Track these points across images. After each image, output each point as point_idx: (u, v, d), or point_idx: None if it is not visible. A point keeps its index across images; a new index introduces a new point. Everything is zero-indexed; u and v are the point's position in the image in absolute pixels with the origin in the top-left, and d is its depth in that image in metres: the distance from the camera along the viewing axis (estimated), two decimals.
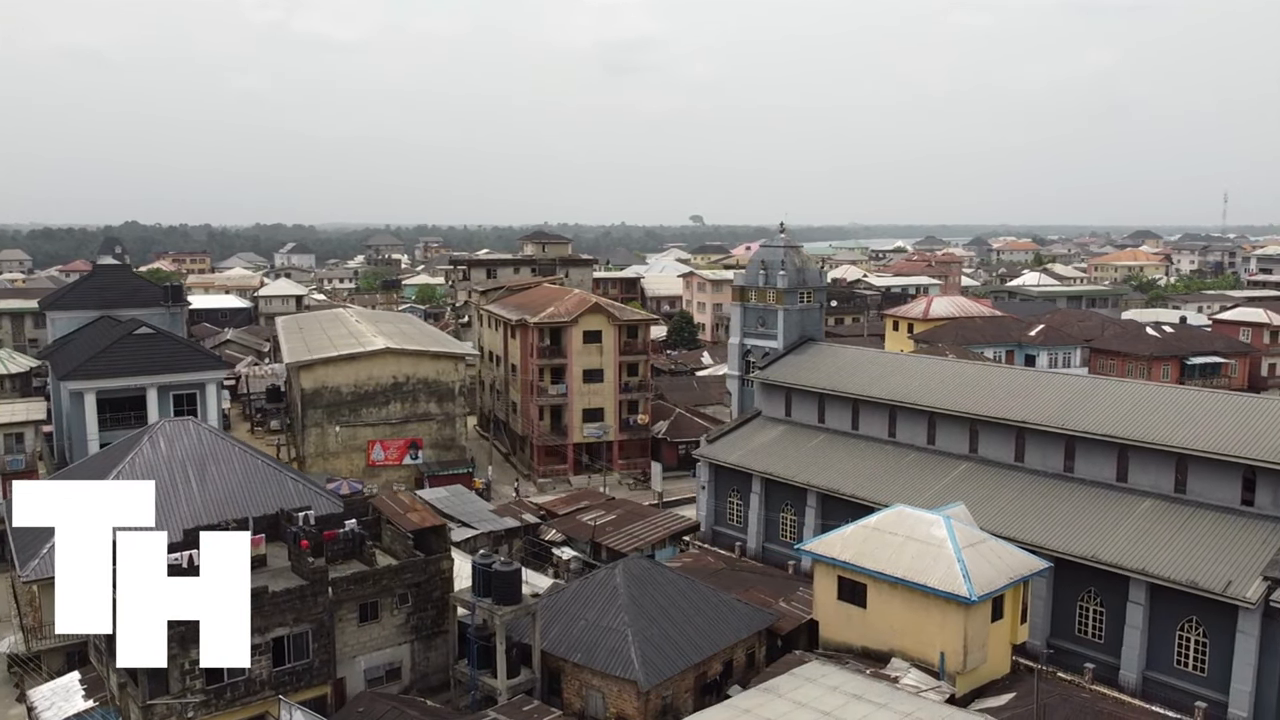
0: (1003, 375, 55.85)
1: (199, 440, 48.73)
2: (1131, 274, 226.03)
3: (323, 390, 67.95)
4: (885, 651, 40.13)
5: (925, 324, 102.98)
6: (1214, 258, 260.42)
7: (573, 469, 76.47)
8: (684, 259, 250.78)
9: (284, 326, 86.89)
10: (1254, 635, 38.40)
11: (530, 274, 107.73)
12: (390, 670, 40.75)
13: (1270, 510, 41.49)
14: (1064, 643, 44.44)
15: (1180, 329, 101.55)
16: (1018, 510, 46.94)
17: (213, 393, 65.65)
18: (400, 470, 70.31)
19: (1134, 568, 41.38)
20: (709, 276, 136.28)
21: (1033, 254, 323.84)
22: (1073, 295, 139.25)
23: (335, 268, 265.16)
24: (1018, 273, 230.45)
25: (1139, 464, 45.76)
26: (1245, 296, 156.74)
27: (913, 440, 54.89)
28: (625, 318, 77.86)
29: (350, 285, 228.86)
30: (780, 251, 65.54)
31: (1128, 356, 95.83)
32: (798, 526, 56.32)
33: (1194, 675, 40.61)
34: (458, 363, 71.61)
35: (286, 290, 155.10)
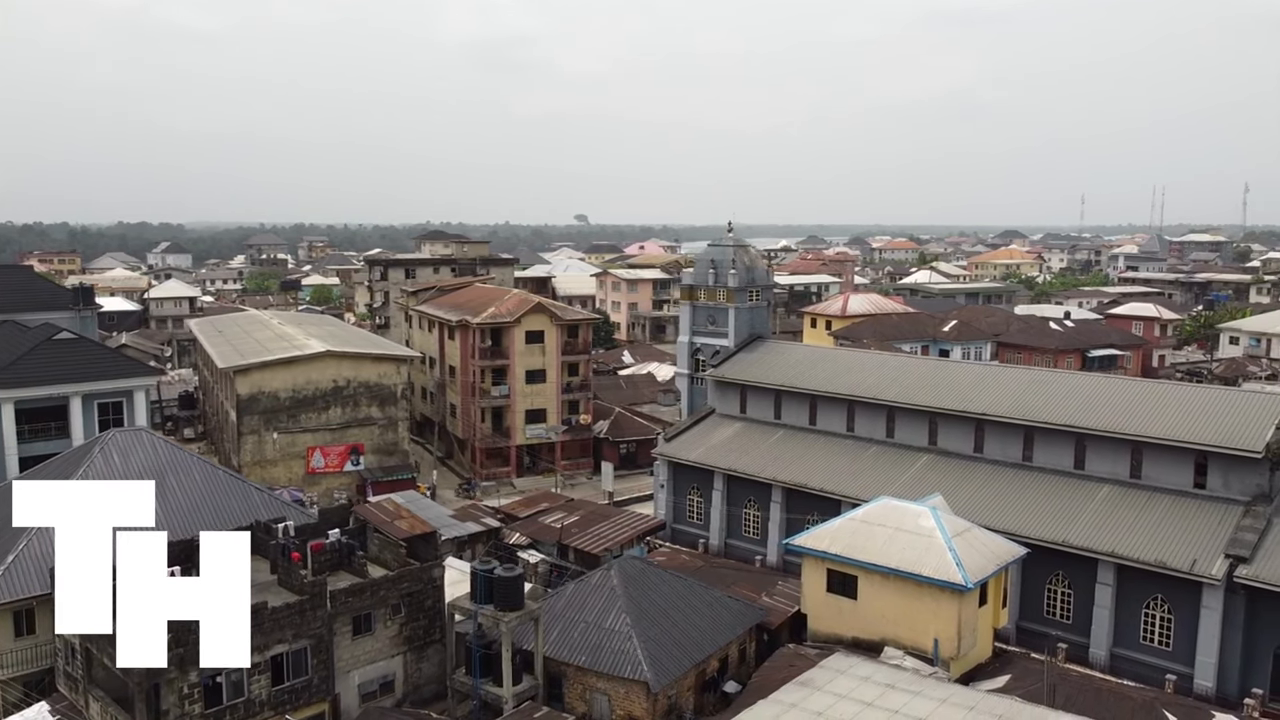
0: (959, 370, 57.93)
1: (154, 451, 46.11)
2: (1010, 271, 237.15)
3: (260, 396, 65.17)
4: (877, 641, 41.05)
5: (843, 321, 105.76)
6: (1082, 256, 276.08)
7: (516, 471, 75.50)
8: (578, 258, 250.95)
9: (201, 330, 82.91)
10: (1217, 610, 40.99)
11: (451, 274, 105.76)
12: (384, 683, 39.48)
13: (1221, 492, 44.34)
14: (1033, 624, 46.44)
15: (1080, 324, 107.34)
16: (984, 499, 48.75)
17: (141, 401, 62.15)
18: (341, 477, 68.07)
19: (1105, 550, 43.59)
20: (624, 276, 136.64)
21: (912, 253, 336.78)
22: (970, 292, 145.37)
23: (217, 268, 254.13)
24: (905, 271, 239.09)
25: (1096, 452, 48.21)
26: (1119, 292, 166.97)
27: (872, 434, 56.35)
28: (567, 317, 77.36)
29: (236, 286, 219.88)
30: (730, 251, 66.28)
31: (1034, 350, 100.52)
32: (762, 522, 57.12)
33: (1160, 650, 43.07)
34: (400, 365, 69.78)
35: (178, 292, 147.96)
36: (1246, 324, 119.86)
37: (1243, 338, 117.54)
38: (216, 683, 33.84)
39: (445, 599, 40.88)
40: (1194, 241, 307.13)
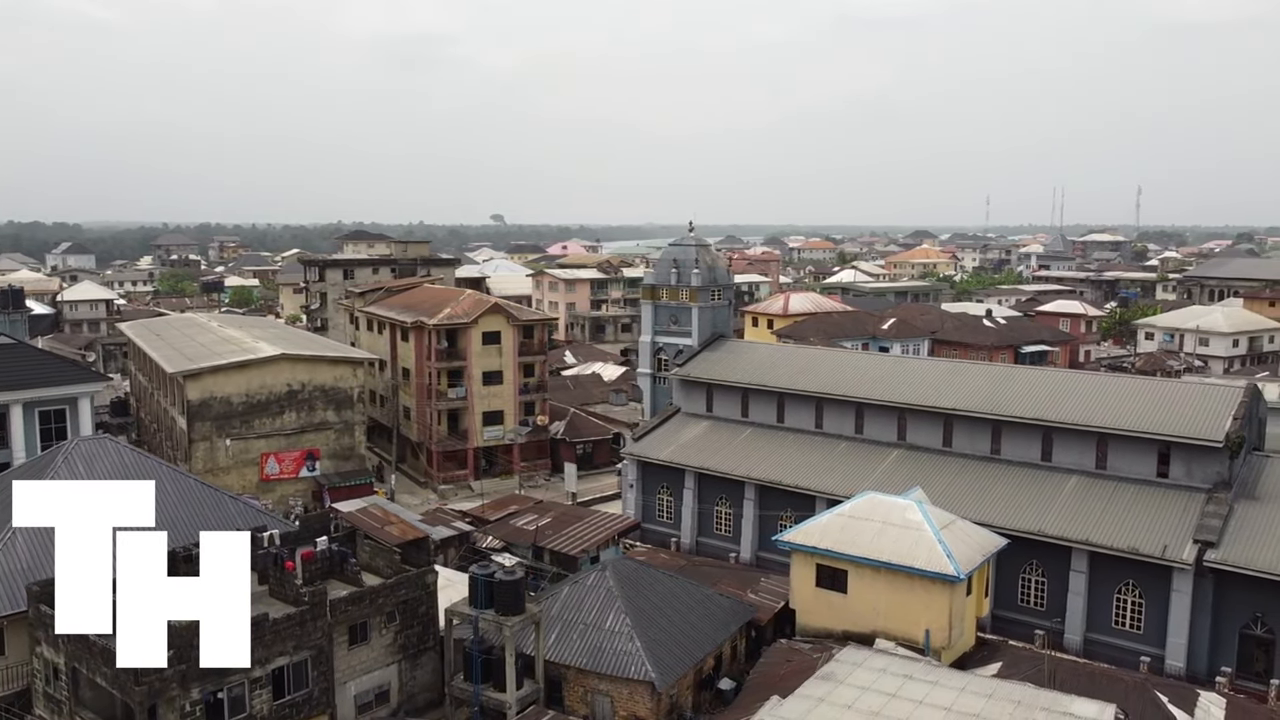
0: (925, 366, 59.38)
1: (121, 459, 44.19)
2: (927, 270, 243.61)
3: (211, 401, 62.88)
4: (868, 634, 41.67)
5: (785, 319, 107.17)
6: (993, 255, 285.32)
7: (474, 474, 74.49)
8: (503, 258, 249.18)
9: (137, 333, 79.52)
10: (1187, 593, 42.85)
11: (391, 274, 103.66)
12: (380, 693, 38.73)
13: (1184, 481, 46.37)
14: (1008, 613, 47.84)
15: (1012, 321, 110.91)
16: (957, 492, 49.95)
17: (86, 409, 59.36)
18: (296, 484, 66.16)
19: (1079, 539, 45.16)
20: (562, 276, 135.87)
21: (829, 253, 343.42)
22: (899, 291, 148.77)
23: (125, 269, 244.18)
24: (828, 270, 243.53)
25: (1063, 444, 49.91)
26: (1036, 290, 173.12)
27: (841, 431, 57.28)
28: (524, 318, 76.60)
29: (148, 288, 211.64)
30: (692, 250, 66.61)
31: (969, 346, 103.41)
32: (734, 520, 57.54)
33: (1132, 634, 44.83)
34: (356, 368, 68.14)
35: (92, 294, 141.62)
36: (1161, 320, 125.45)
37: (1157, 333, 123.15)
38: (218, 698, 32.71)
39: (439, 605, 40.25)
40: (1095, 241, 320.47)
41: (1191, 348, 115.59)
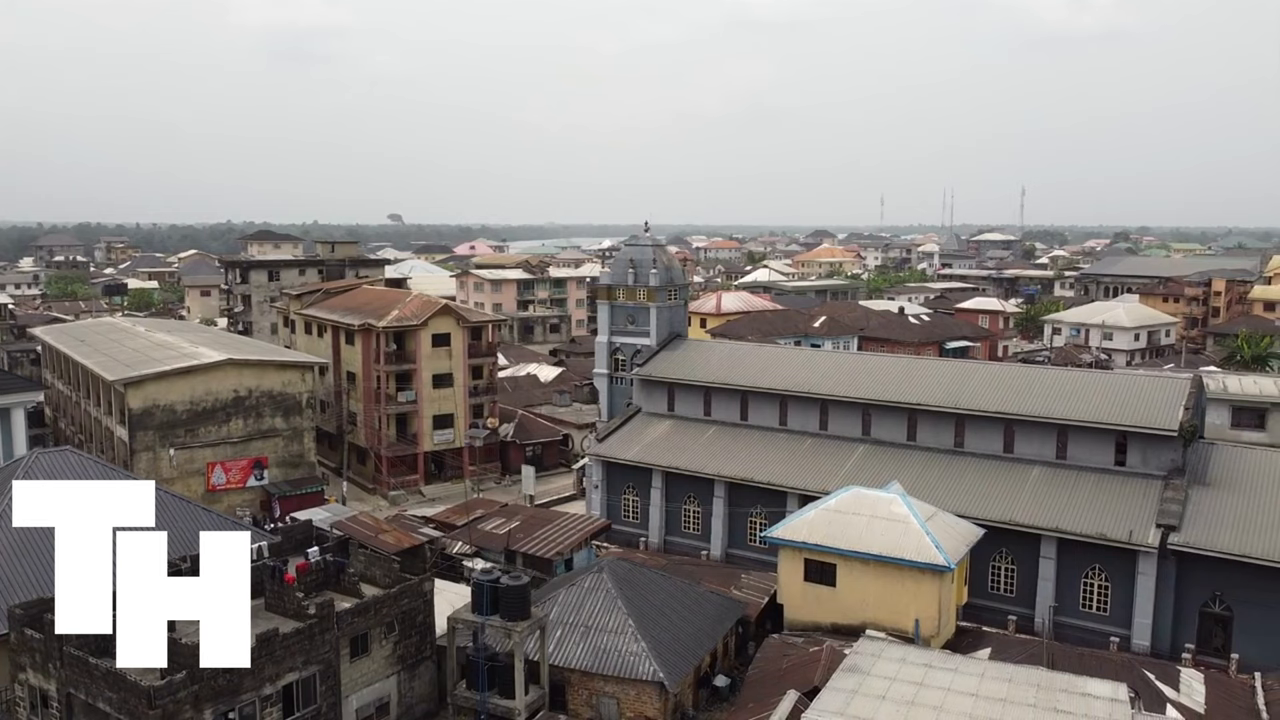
0: (886, 363, 60.86)
1: (85, 471, 42.00)
2: (834, 269, 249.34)
3: (154, 410, 60.08)
4: (857, 625, 42.64)
5: (718, 318, 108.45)
6: (895, 254, 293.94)
7: (424, 479, 73.11)
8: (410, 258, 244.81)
9: (59, 340, 75.30)
10: (1151, 575, 45.11)
11: (319, 275, 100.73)
12: (380, 705, 37.76)
13: (1141, 468, 48.79)
14: (979, 600, 49.41)
15: (935, 318, 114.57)
16: (926, 485, 51.35)
17: (20, 419, 56.42)
18: (244, 493, 63.84)
19: (1049, 526, 47.07)
20: (488, 277, 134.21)
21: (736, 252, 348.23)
22: (819, 289, 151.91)
23: (6, 272, 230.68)
24: (739, 270, 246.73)
25: (1024, 436, 51.91)
26: (943, 288, 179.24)
27: (805, 427, 58.29)
28: (473, 319, 75.48)
29: (35, 291, 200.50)
30: (650, 251, 66.82)
31: (896, 343, 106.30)
32: (703, 518, 57.97)
33: (1099, 615, 46.92)
34: (305, 373, 66.07)
35: None
36: (1067, 316, 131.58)
37: (1064, 328, 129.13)
38: (229, 719, 31.37)
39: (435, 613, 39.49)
40: (987, 240, 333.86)
41: (1097, 341, 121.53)
